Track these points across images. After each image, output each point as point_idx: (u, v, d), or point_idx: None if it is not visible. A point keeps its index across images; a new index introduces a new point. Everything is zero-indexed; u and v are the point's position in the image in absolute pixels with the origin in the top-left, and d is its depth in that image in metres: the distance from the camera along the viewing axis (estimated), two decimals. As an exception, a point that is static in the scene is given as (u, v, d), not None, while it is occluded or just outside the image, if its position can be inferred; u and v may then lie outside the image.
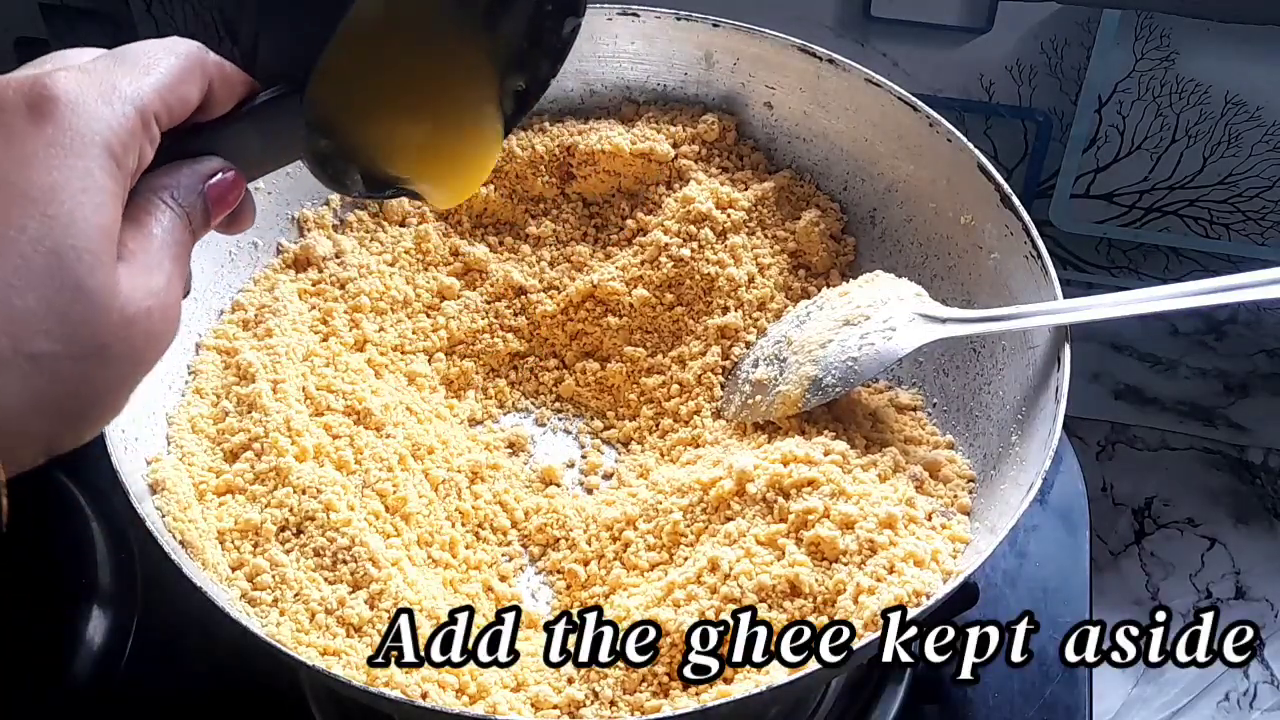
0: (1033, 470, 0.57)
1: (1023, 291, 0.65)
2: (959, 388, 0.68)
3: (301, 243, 0.73)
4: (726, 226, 0.73)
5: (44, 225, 0.36)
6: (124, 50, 0.41)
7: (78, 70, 0.39)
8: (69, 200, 0.37)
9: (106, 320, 0.37)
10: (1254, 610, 0.86)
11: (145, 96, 0.40)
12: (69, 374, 0.37)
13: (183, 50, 0.42)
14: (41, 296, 0.36)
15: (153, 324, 0.39)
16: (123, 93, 0.39)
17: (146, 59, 0.41)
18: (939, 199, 0.71)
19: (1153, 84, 0.87)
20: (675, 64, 0.77)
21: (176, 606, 0.69)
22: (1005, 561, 0.75)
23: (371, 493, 0.64)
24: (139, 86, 0.40)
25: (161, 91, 0.40)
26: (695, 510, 0.63)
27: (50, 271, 0.36)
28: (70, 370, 0.37)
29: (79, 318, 0.37)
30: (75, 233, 0.37)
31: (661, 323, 0.73)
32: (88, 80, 0.39)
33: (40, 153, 0.37)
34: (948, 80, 0.90)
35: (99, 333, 0.37)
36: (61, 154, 0.37)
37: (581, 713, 0.56)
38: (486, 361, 0.74)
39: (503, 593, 0.64)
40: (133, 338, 0.38)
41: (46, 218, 0.36)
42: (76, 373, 0.37)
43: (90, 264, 0.37)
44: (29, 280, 0.36)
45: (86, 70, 0.39)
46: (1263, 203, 0.91)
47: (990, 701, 0.69)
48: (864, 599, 0.55)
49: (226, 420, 0.64)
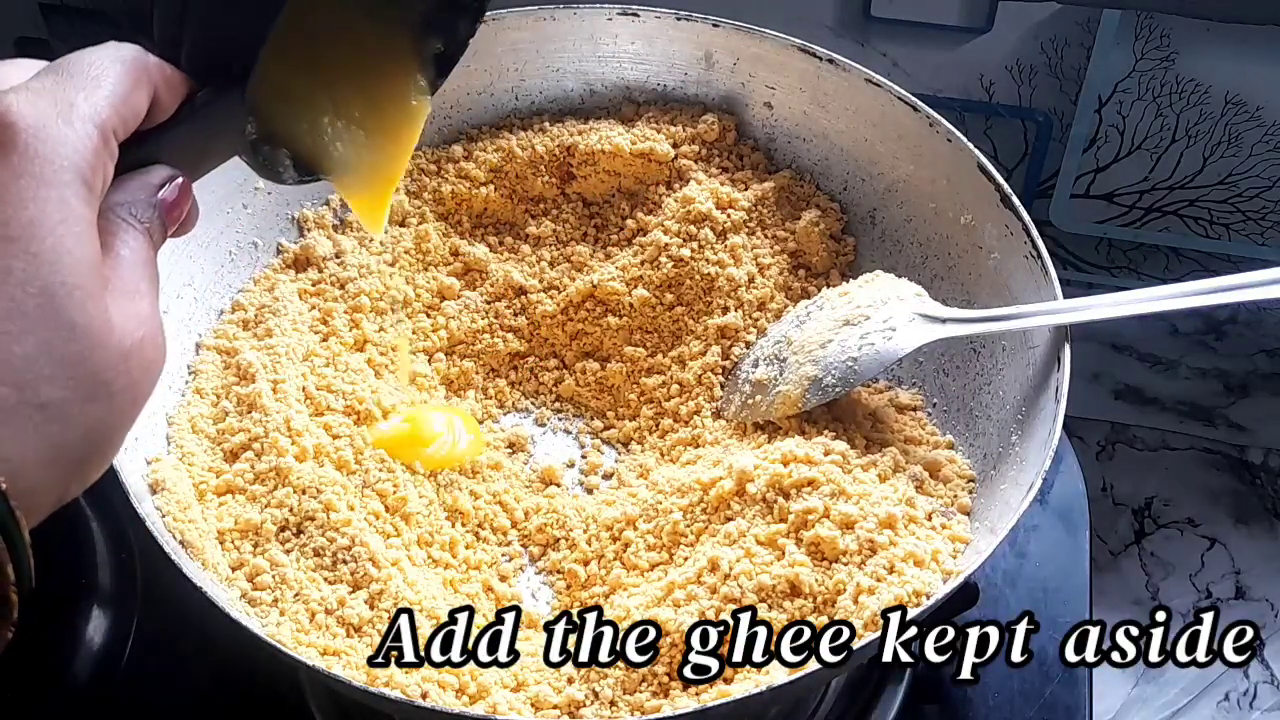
0: (1033, 470, 0.57)
1: (1023, 291, 0.65)
2: (959, 388, 0.68)
3: (301, 243, 0.73)
4: (726, 226, 0.73)
5: (30, 264, 0.34)
6: (67, 62, 0.39)
7: (27, 91, 0.37)
8: (49, 235, 0.34)
9: (105, 357, 0.35)
10: (1254, 610, 0.86)
11: (103, 113, 0.37)
12: (78, 418, 0.35)
13: (127, 57, 0.40)
14: (40, 340, 0.34)
15: (145, 353, 0.37)
16: (81, 111, 0.37)
17: (94, 70, 0.38)
18: (939, 199, 0.71)
19: (1153, 84, 0.87)
20: (675, 64, 0.77)
21: (176, 606, 0.68)
22: (1005, 561, 0.75)
23: (371, 493, 0.64)
24: (94, 102, 0.37)
25: (115, 104, 0.38)
26: (695, 510, 0.63)
27: (43, 313, 0.34)
28: (79, 414, 0.35)
29: (78, 358, 0.35)
30: (62, 269, 0.34)
31: (661, 323, 0.73)
32: (42, 101, 0.36)
33: (11, 185, 0.35)
34: (948, 80, 0.90)
35: (100, 370, 0.35)
36: (34, 185, 0.35)
37: (581, 713, 0.56)
38: (486, 361, 0.74)
39: (503, 593, 0.64)
40: (131, 370, 0.36)
41: (30, 255, 0.34)
42: (84, 416, 0.35)
43: (81, 300, 0.35)
44: (24, 325, 0.34)
45: (36, 90, 0.37)
46: (1263, 203, 0.91)
47: (990, 701, 0.69)
48: (864, 599, 0.55)
49: (226, 420, 0.64)
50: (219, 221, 0.70)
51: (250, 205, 0.71)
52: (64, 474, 0.36)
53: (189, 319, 0.68)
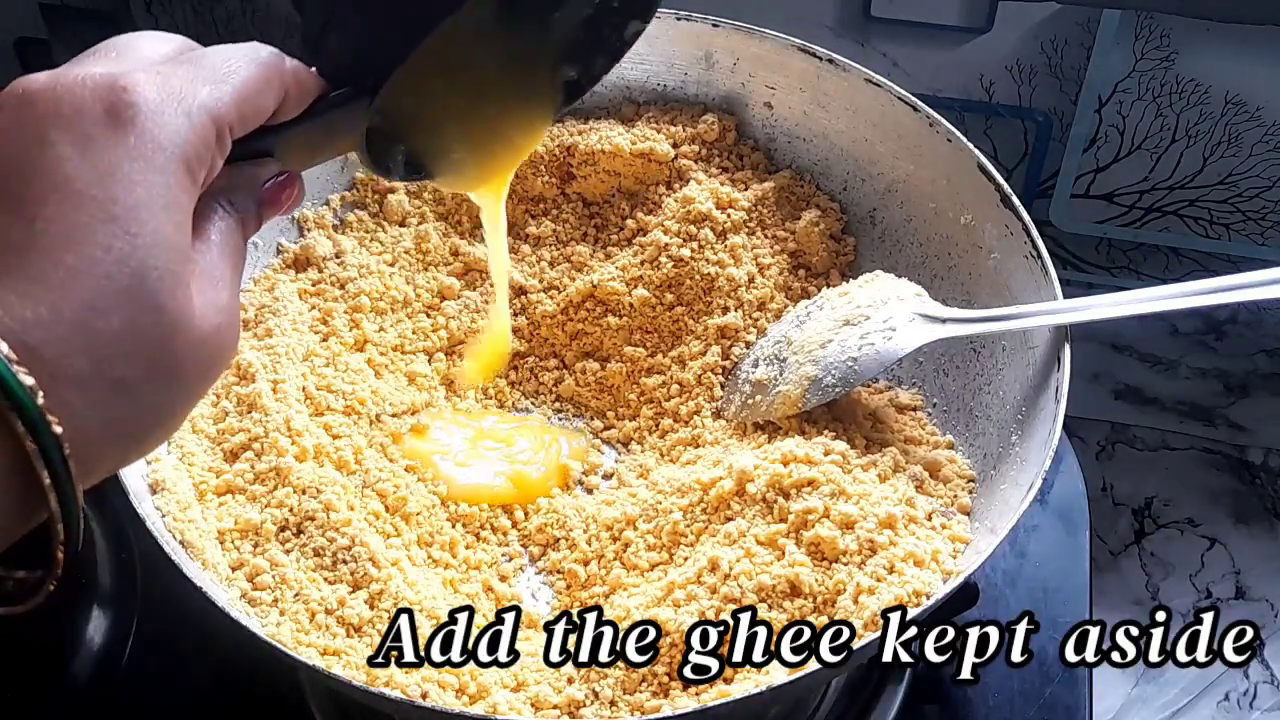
0: (1033, 470, 0.57)
1: (1023, 291, 0.65)
2: (959, 388, 0.68)
3: (301, 243, 0.73)
4: (726, 226, 0.73)
5: (128, 245, 0.35)
6: (202, 55, 0.39)
7: (156, 74, 0.37)
8: (151, 219, 0.35)
9: (183, 341, 0.36)
10: (1254, 610, 0.86)
11: (223, 107, 0.38)
12: (146, 396, 0.36)
13: (263, 58, 0.40)
14: (125, 319, 0.35)
15: (221, 340, 0.38)
16: (202, 102, 0.37)
17: (225, 66, 0.39)
18: (939, 199, 0.71)
19: (1153, 84, 0.87)
20: (675, 64, 0.77)
21: (176, 606, 0.69)
22: (1005, 561, 0.75)
23: (371, 493, 0.64)
24: (218, 96, 0.38)
25: (239, 102, 0.39)
26: (695, 510, 0.63)
27: (133, 294, 0.35)
28: (148, 393, 0.36)
29: (158, 341, 0.36)
30: (157, 253, 0.35)
31: (661, 323, 0.73)
32: (167, 86, 0.37)
33: (124, 165, 0.35)
34: (948, 80, 0.90)
35: (176, 355, 0.36)
36: (143, 168, 0.35)
37: (581, 713, 0.56)
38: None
39: (503, 593, 0.64)
40: (203, 357, 0.37)
41: (130, 236, 0.35)
42: (152, 395, 0.36)
43: (171, 286, 0.36)
44: (113, 303, 0.34)
45: (164, 74, 0.37)
46: (1263, 203, 0.91)
47: (990, 701, 0.69)
48: (864, 599, 0.55)
49: (226, 420, 0.64)
50: (219, 221, 0.70)
51: (250, 205, 0.71)
52: (123, 446, 0.37)
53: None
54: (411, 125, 0.50)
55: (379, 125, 0.48)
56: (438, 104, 0.51)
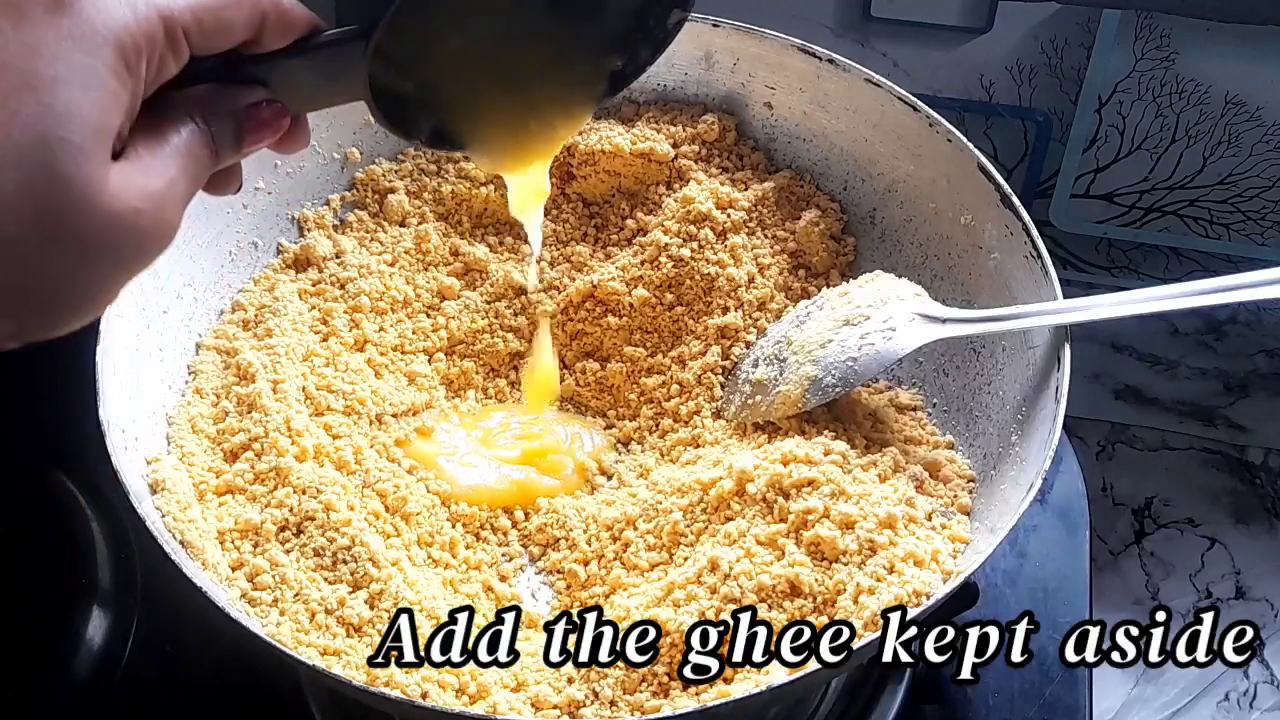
0: (1033, 470, 0.57)
1: (1023, 291, 0.65)
2: (959, 388, 0.68)
3: (301, 243, 0.73)
4: (726, 226, 0.73)
5: (37, 112, 0.36)
6: None
7: None
8: (67, 94, 0.36)
9: (87, 214, 0.37)
10: (1254, 610, 0.86)
11: (177, 9, 0.39)
12: (37, 262, 0.37)
13: None
14: (22, 180, 0.36)
15: (140, 224, 0.38)
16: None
17: None
18: (939, 199, 0.71)
19: (1153, 84, 0.87)
20: (675, 64, 0.77)
21: (176, 606, 0.69)
22: (1005, 561, 0.75)
23: (371, 493, 0.64)
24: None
25: (197, 9, 0.40)
26: (695, 510, 0.63)
27: (34, 158, 0.36)
28: (39, 258, 0.37)
29: (56, 207, 0.36)
30: (68, 126, 0.36)
31: (661, 323, 0.73)
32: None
33: (51, 43, 0.37)
34: (948, 80, 0.90)
35: (76, 225, 0.37)
36: (70, 47, 0.37)
37: (581, 713, 0.56)
38: (486, 361, 0.74)
39: (503, 593, 0.64)
40: (117, 236, 0.38)
41: (42, 105, 0.36)
42: (46, 261, 0.37)
43: (75, 156, 0.36)
44: (10, 160, 0.35)
45: None
46: (1263, 203, 0.92)
47: (990, 701, 0.69)
48: (864, 599, 0.55)
49: (226, 420, 0.64)
50: (219, 221, 0.70)
51: (250, 205, 0.71)
52: (15, 310, 0.38)
53: (189, 319, 0.68)
54: (451, 99, 0.51)
55: (413, 93, 0.48)
56: (483, 83, 0.51)
